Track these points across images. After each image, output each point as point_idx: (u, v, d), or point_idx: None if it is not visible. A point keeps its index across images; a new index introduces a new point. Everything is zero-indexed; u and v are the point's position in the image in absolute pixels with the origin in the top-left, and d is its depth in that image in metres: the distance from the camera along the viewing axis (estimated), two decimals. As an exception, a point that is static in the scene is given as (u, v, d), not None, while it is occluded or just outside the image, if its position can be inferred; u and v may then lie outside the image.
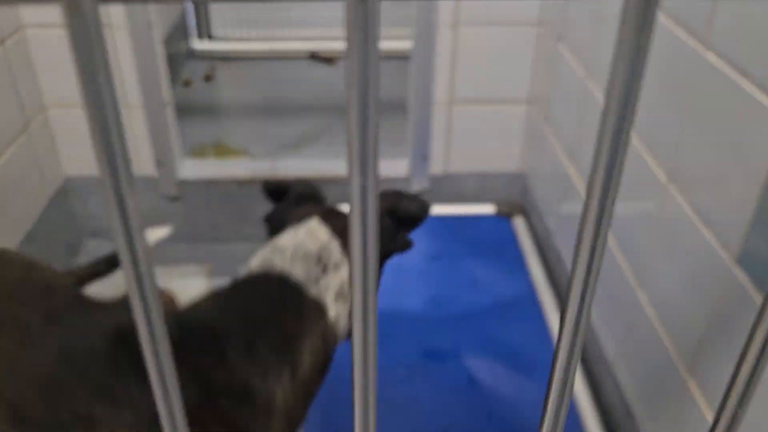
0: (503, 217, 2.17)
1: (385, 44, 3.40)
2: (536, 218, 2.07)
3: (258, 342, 0.88)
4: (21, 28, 1.83)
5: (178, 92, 2.90)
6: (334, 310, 0.99)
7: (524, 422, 1.52)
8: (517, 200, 2.23)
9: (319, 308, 0.97)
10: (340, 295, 0.99)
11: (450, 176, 2.17)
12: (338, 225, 1.06)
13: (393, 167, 2.18)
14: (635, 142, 1.34)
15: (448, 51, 1.94)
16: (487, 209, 2.19)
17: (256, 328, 0.89)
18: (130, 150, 1.25)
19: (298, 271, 0.96)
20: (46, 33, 1.86)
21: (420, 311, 1.82)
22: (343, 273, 1.00)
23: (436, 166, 2.15)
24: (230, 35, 3.47)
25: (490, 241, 2.08)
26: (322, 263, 0.99)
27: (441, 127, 2.07)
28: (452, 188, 2.19)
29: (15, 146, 1.80)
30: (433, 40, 1.91)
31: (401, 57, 3.29)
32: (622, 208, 1.44)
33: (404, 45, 3.33)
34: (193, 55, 3.37)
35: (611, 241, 1.48)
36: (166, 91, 1.98)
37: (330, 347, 1.01)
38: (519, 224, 2.12)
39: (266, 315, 0.92)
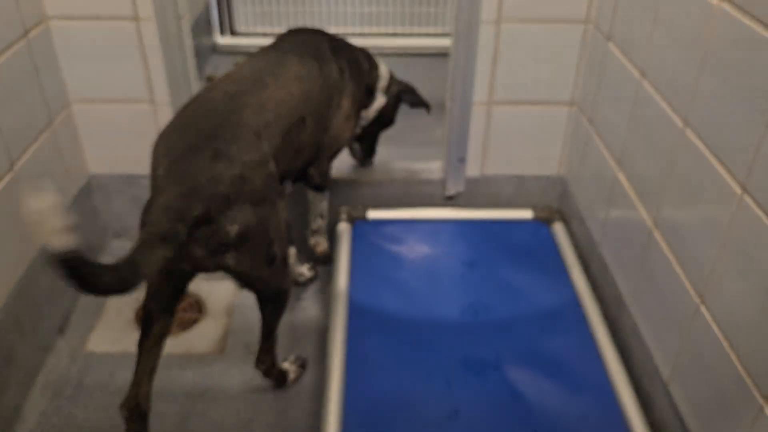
0: (541, 222, 2.09)
1: (422, 41, 3.33)
2: (577, 224, 1.99)
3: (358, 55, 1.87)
4: (45, 20, 1.76)
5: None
6: (380, 78, 1.95)
7: (573, 441, 1.45)
8: (554, 205, 2.15)
9: (377, 67, 1.95)
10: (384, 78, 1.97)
11: (486, 179, 2.09)
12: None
13: (427, 169, 2.11)
14: (701, 146, 1.26)
15: (490, 49, 1.86)
16: (524, 214, 2.11)
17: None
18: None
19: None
20: (71, 25, 1.79)
21: (457, 320, 1.75)
22: (383, 70, 1.96)
23: (472, 168, 2.07)
24: (252, 30, 3.41)
25: (528, 247, 2.00)
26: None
27: (479, 128, 1.99)
28: (488, 191, 2.12)
29: (39, 142, 1.74)
30: (475, 37, 1.83)
31: (437, 54, 3.23)
32: (682, 216, 1.36)
33: (441, 42, 3.28)
34: (215, 50, 3.31)
35: (668, 253, 1.41)
36: (195, 85, 1.91)
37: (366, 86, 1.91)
38: (558, 230, 2.04)
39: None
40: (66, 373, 1.71)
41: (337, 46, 1.78)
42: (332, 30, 1.87)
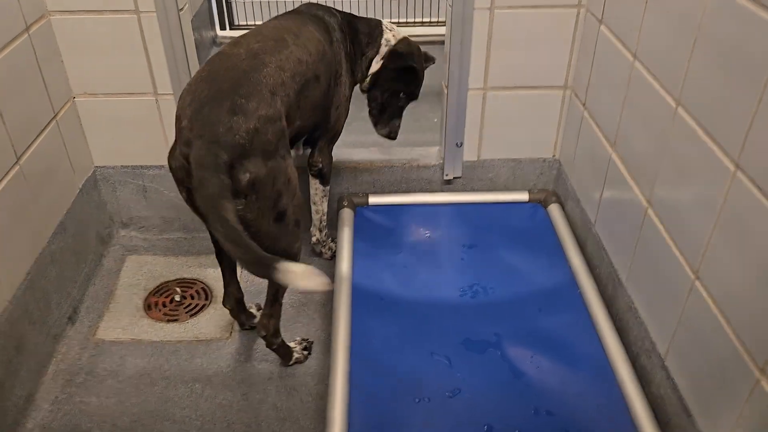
0: (537, 204, 2.13)
1: (418, 30, 3.35)
2: (573, 205, 2.02)
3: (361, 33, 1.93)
4: (46, 15, 1.79)
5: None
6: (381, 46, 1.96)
7: (573, 418, 1.48)
8: (550, 187, 2.19)
9: (378, 37, 1.96)
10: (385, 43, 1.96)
11: (483, 163, 2.13)
12: None
13: (426, 155, 2.14)
14: (693, 125, 1.30)
15: (484, 36, 1.89)
16: (520, 196, 2.14)
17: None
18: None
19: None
20: (72, 19, 1.81)
21: (457, 300, 1.79)
22: (386, 38, 1.96)
23: (470, 153, 2.10)
24: (251, 23, 3.43)
25: (525, 228, 2.04)
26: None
27: (475, 113, 2.02)
28: (485, 175, 2.15)
29: (44, 136, 1.77)
30: (470, 24, 1.86)
31: (433, 42, 3.24)
32: (676, 195, 1.39)
33: (437, 30, 3.29)
34: (215, 43, 3.33)
35: (663, 231, 1.44)
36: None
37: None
38: (554, 211, 2.07)
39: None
40: (77, 361, 1.75)
41: (347, 27, 1.87)
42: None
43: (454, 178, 2.15)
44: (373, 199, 2.12)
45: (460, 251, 1.96)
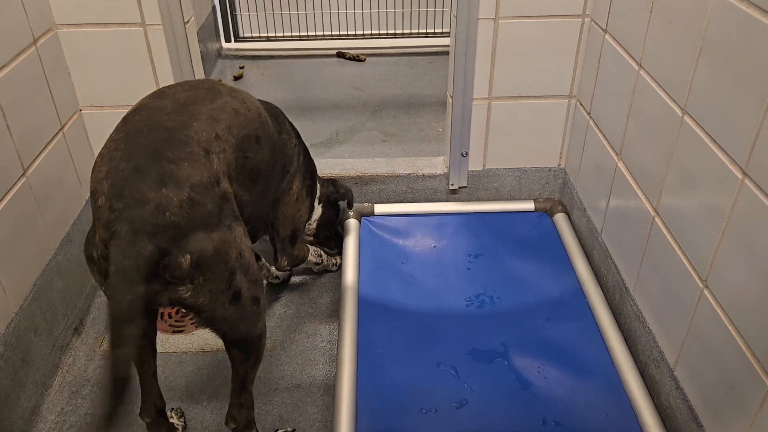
0: (543, 213, 2.13)
1: (423, 41, 3.37)
2: (579, 214, 2.02)
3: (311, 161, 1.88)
4: (53, 28, 1.80)
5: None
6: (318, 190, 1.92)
7: (581, 428, 1.47)
8: (556, 196, 2.19)
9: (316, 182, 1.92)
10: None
11: (488, 172, 2.13)
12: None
13: (431, 164, 2.14)
14: (700, 133, 1.29)
15: (489, 46, 1.89)
16: (526, 206, 2.14)
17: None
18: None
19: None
20: (79, 32, 1.83)
21: (464, 310, 1.78)
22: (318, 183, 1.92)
23: (475, 162, 2.10)
24: (255, 36, 3.45)
25: (531, 237, 2.04)
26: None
27: (480, 123, 2.02)
28: (491, 185, 2.15)
29: (51, 148, 1.77)
30: (474, 35, 1.86)
31: (437, 53, 3.27)
32: (683, 203, 1.39)
33: (441, 41, 3.32)
34: (221, 55, 3.35)
35: (670, 240, 1.44)
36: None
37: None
38: (560, 220, 2.07)
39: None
40: (83, 373, 1.75)
41: (297, 134, 1.77)
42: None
43: (460, 187, 2.15)
44: (379, 209, 2.12)
45: (466, 261, 1.95)
